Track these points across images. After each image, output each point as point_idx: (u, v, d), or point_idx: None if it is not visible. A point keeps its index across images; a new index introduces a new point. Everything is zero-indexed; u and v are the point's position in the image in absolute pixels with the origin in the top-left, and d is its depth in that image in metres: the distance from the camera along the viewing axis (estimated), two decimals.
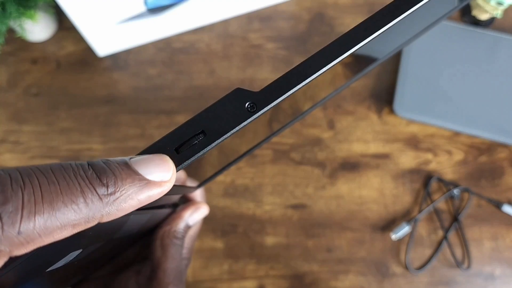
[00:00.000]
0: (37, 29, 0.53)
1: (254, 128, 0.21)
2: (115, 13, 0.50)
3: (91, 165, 0.14)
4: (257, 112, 0.16)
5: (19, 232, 0.11)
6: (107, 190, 0.13)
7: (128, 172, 0.14)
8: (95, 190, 0.13)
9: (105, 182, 0.13)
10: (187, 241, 0.27)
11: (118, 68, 0.55)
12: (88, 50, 0.55)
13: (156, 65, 0.56)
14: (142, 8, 0.50)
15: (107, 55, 0.55)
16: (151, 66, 0.55)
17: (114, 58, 0.55)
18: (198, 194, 0.29)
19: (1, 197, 0.11)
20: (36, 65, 0.55)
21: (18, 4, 0.48)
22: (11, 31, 0.52)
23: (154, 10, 0.52)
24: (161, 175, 0.15)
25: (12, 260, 0.12)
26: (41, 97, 0.53)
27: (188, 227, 0.26)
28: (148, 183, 0.14)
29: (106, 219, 0.14)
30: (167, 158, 0.15)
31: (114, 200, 0.13)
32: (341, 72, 0.21)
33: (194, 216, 0.27)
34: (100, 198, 0.13)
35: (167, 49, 0.56)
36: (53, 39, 0.56)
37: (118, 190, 0.14)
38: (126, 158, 0.15)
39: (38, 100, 0.53)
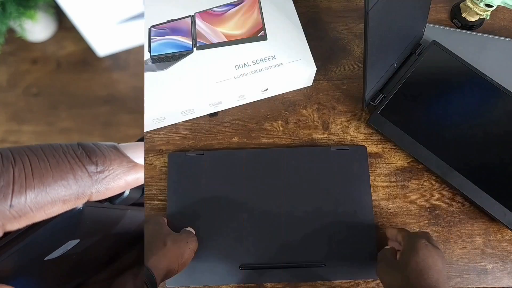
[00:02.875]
0: (37, 29, 0.53)
1: None
2: (115, 13, 0.50)
3: (81, 145, 0.14)
4: None
5: (11, 205, 0.12)
6: (97, 168, 0.14)
7: (117, 153, 0.15)
8: (85, 168, 0.14)
9: (94, 160, 0.14)
10: None
11: (118, 68, 0.55)
12: (88, 50, 0.55)
13: None
14: (142, 8, 0.51)
15: (107, 55, 0.56)
16: None
17: (114, 58, 0.56)
18: None
19: None
20: (36, 65, 0.55)
21: (18, 4, 0.48)
22: (11, 31, 0.52)
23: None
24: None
25: (9, 241, 0.13)
26: (41, 97, 0.54)
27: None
28: (135, 165, 0.15)
29: (95, 197, 0.14)
30: None
31: (103, 178, 0.14)
32: None
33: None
34: (90, 175, 0.14)
35: None
36: (53, 39, 0.56)
37: (107, 169, 0.14)
38: (115, 143, 0.15)
39: (38, 100, 0.53)
